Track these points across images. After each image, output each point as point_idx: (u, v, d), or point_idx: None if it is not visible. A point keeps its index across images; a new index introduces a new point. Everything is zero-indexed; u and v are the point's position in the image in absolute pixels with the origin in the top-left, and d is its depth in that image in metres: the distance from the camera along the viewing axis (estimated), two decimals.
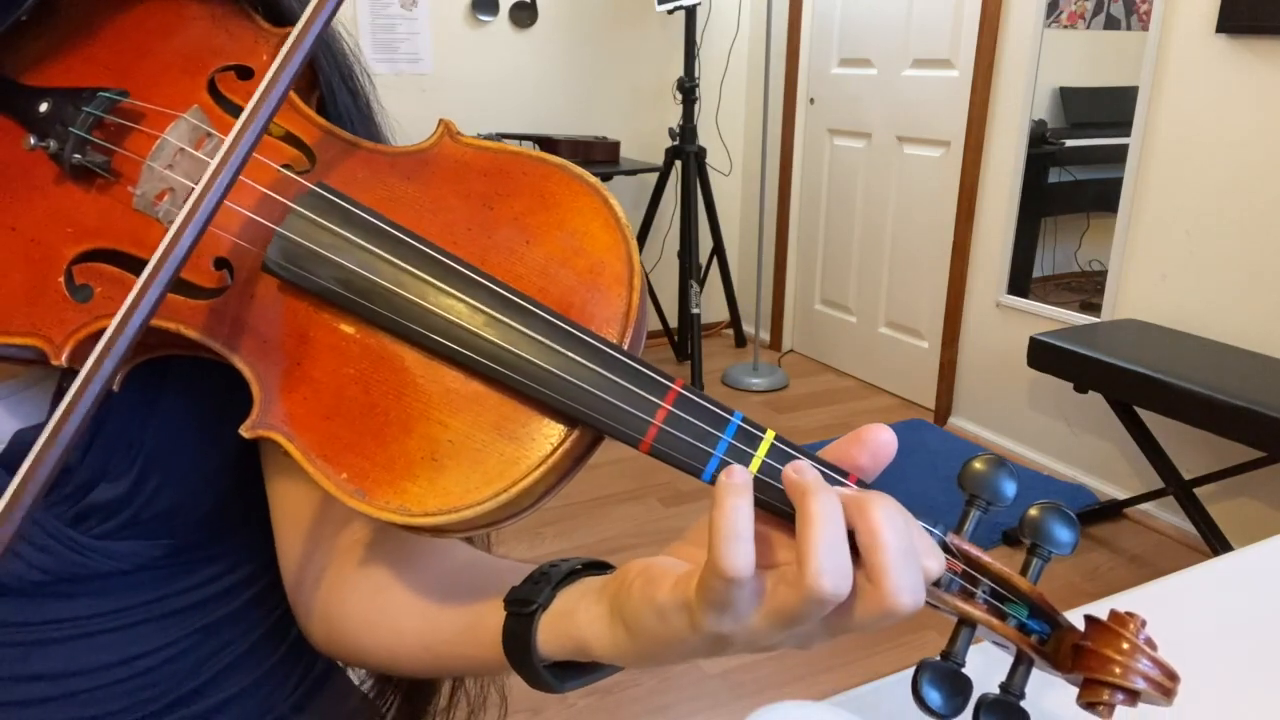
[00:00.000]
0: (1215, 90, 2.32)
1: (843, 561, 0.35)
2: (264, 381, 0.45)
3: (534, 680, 0.47)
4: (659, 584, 0.39)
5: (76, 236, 0.48)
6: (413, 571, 0.55)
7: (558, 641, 0.45)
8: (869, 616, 0.36)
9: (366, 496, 0.42)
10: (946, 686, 0.39)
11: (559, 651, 0.45)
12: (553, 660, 0.46)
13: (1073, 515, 0.42)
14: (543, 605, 0.46)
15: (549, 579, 0.47)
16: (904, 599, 0.35)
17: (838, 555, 0.35)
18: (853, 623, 0.37)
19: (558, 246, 0.45)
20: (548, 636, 0.45)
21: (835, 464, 0.41)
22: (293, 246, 0.45)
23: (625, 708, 1.87)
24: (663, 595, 0.39)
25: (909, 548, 0.36)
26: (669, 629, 0.39)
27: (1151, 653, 0.40)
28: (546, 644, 0.45)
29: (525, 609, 0.46)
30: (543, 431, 0.41)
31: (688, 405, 0.40)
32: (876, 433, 0.41)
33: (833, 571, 0.35)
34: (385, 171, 0.49)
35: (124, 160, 0.49)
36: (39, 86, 0.51)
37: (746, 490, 0.37)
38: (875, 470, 0.41)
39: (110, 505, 0.52)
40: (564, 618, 0.45)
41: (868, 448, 0.40)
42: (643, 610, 0.40)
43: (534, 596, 0.46)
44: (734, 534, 0.36)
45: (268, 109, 0.43)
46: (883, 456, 0.41)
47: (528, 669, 0.46)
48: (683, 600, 0.38)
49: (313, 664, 0.69)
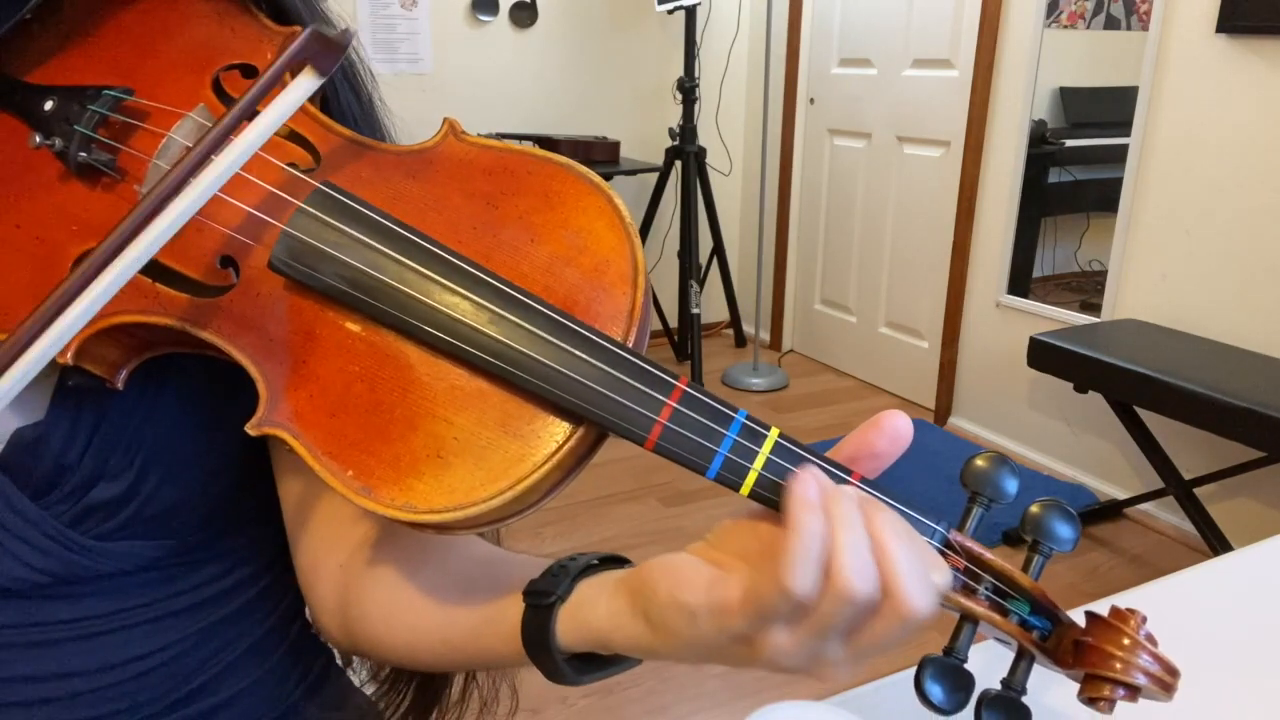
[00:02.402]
0: (1215, 90, 2.32)
1: (870, 570, 0.37)
2: (270, 379, 0.45)
3: (553, 672, 0.47)
4: (689, 587, 0.40)
5: (81, 234, 0.48)
6: (429, 567, 0.55)
7: (577, 633, 0.46)
8: (885, 629, 0.37)
9: (372, 494, 0.42)
10: (949, 682, 0.39)
11: (578, 643, 0.46)
12: (572, 652, 0.47)
13: (1073, 512, 0.42)
14: (561, 597, 0.46)
15: (567, 572, 0.48)
16: (918, 603, 0.36)
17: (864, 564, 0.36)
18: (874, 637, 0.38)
19: (562, 245, 0.45)
20: (567, 628, 0.46)
21: (853, 452, 0.42)
22: (299, 245, 0.45)
23: (625, 708, 1.87)
24: (695, 598, 0.40)
25: (916, 554, 0.37)
26: (697, 631, 0.40)
27: (1152, 648, 0.40)
28: (566, 636, 0.46)
29: (544, 600, 0.46)
30: (548, 429, 0.42)
31: (693, 403, 0.41)
32: (894, 418, 0.41)
33: (862, 579, 0.36)
34: (390, 170, 0.49)
35: (129, 158, 0.49)
36: (44, 85, 0.51)
37: (821, 507, 0.38)
38: (893, 455, 0.42)
39: (110, 504, 0.52)
40: (584, 609, 0.45)
41: (887, 433, 0.41)
42: (669, 611, 0.40)
43: (553, 589, 0.47)
44: (808, 556, 0.36)
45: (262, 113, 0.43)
46: (901, 441, 0.42)
47: (547, 661, 0.47)
48: (720, 603, 0.39)
49: (313, 664, 0.69)
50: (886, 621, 0.37)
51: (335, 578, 0.57)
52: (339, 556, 0.57)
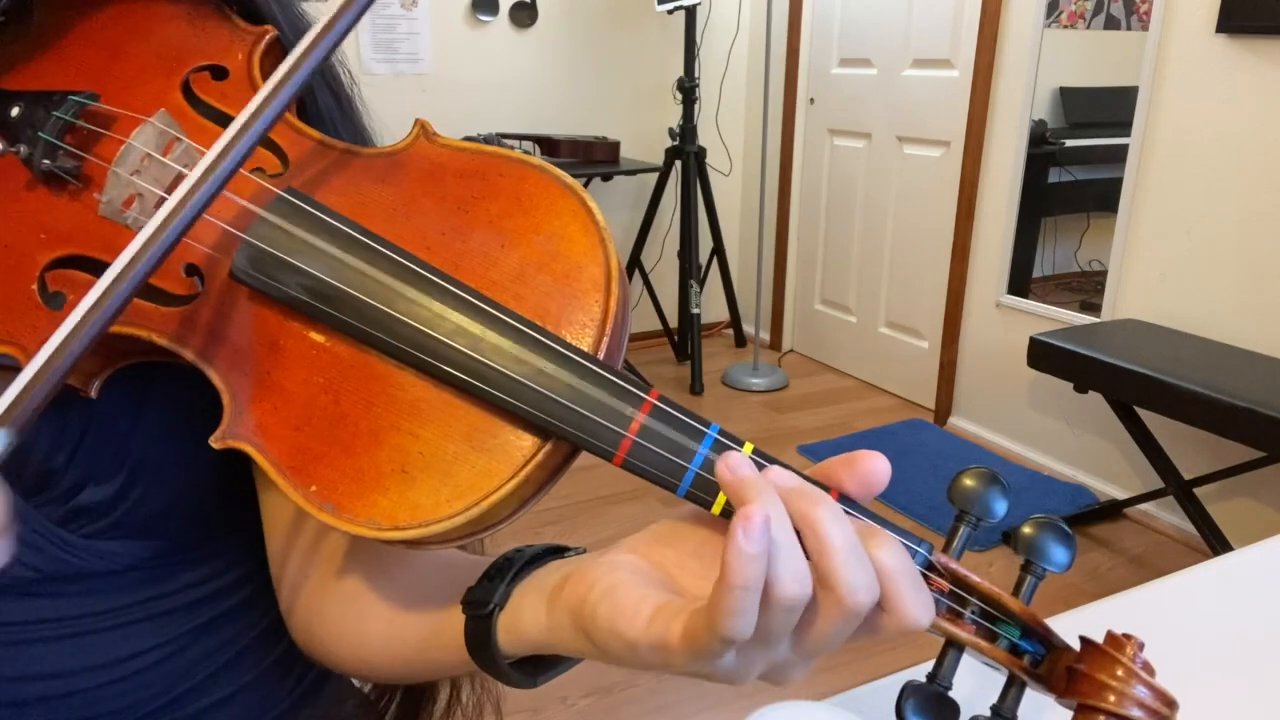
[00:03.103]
0: (1215, 90, 2.32)
1: (799, 564, 0.35)
2: (234, 391, 0.44)
3: (504, 679, 0.46)
4: (628, 618, 0.38)
5: (49, 243, 0.47)
6: (384, 579, 0.54)
7: (520, 642, 0.44)
8: (831, 625, 0.35)
9: (336, 510, 0.41)
10: (931, 712, 0.38)
11: (523, 650, 0.45)
12: (518, 657, 0.45)
13: (1069, 531, 0.40)
14: (499, 605, 0.45)
15: (503, 575, 0.46)
16: (860, 598, 0.34)
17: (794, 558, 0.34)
18: (819, 635, 0.36)
19: (534, 250, 0.44)
20: (509, 637, 0.44)
21: (824, 483, 0.39)
22: (259, 254, 0.44)
23: (625, 707, 1.87)
24: (634, 633, 0.37)
25: (854, 545, 0.35)
26: (639, 660, 0.38)
27: (1148, 679, 0.38)
28: (509, 644, 0.44)
29: (482, 610, 0.45)
30: (515, 443, 0.40)
31: (663, 418, 0.39)
32: (870, 461, 0.38)
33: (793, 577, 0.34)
34: (358, 174, 0.48)
35: (93, 166, 0.48)
36: (11, 90, 0.50)
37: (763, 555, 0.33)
38: (863, 499, 0.39)
39: (99, 507, 0.52)
40: (523, 621, 0.44)
41: (858, 475, 0.38)
42: (610, 641, 0.38)
43: (489, 597, 0.45)
44: (742, 609, 0.33)
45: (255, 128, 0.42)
46: (873, 486, 0.38)
47: (495, 669, 0.46)
48: (659, 641, 0.36)
49: (310, 665, 0.69)
50: (829, 617, 0.35)
51: (300, 590, 0.57)
52: (305, 569, 0.57)
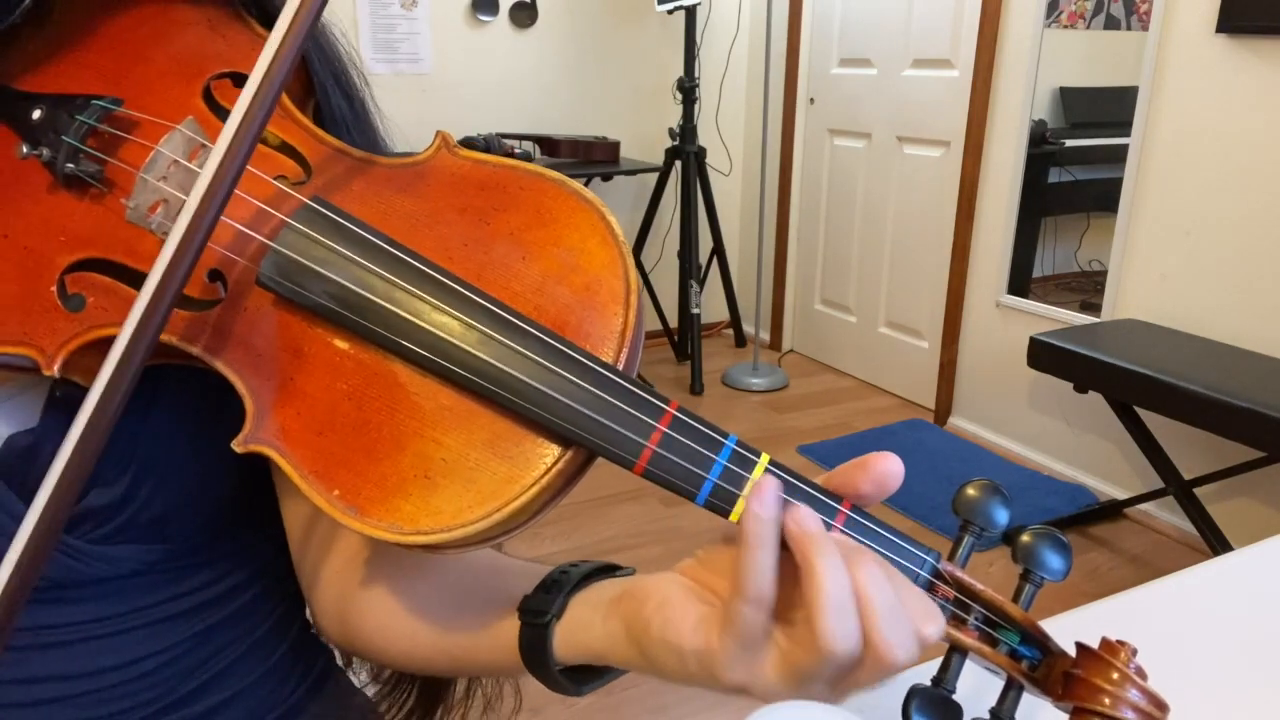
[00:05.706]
0: (1215, 90, 2.32)
1: (852, 623, 0.37)
2: (257, 396, 0.44)
3: (553, 685, 0.48)
4: (678, 627, 0.41)
5: (69, 245, 0.48)
6: (424, 578, 0.55)
7: (574, 651, 0.46)
8: (869, 677, 0.38)
9: (358, 514, 0.41)
10: (937, 713, 0.39)
11: (575, 659, 0.47)
12: (569, 665, 0.47)
13: (1066, 541, 0.42)
14: (556, 615, 0.47)
15: (560, 586, 0.48)
16: (898, 655, 0.37)
17: (847, 617, 0.37)
18: (857, 682, 0.39)
19: (554, 263, 0.44)
20: (564, 645, 0.46)
21: (839, 489, 0.41)
22: (287, 262, 0.44)
23: (625, 707, 1.87)
24: (683, 641, 0.40)
25: (895, 605, 0.37)
26: (686, 671, 0.41)
27: (1141, 683, 0.40)
28: (563, 652, 0.47)
29: (539, 619, 0.47)
30: (536, 451, 0.41)
31: (683, 428, 0.40)
32: (884, 462, 0.40)
33: (844, 635, 0.36)
34: (381, 184, 0.48)
35: (117, 170, 0.48)
36: (33, 92, 0.50)
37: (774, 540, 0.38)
38: (877, 498, 0.41)
39: (104, 511, 0.52)
40: (579, 630, 0.46)
41: (872, 476, 0.40)
42: (660, 650, 0.41)
43: (547, 606, 0.47)
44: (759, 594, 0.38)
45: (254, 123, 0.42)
46: (888, 486, 0.40)
47: (546, 675, 0.47)
48: (703, 646, 0.40)
49: (313, 664, 0.69)
50: (868, 671, 0.38)
51: (334, 586, 0.58)
52: (336, 568, 0.58)
